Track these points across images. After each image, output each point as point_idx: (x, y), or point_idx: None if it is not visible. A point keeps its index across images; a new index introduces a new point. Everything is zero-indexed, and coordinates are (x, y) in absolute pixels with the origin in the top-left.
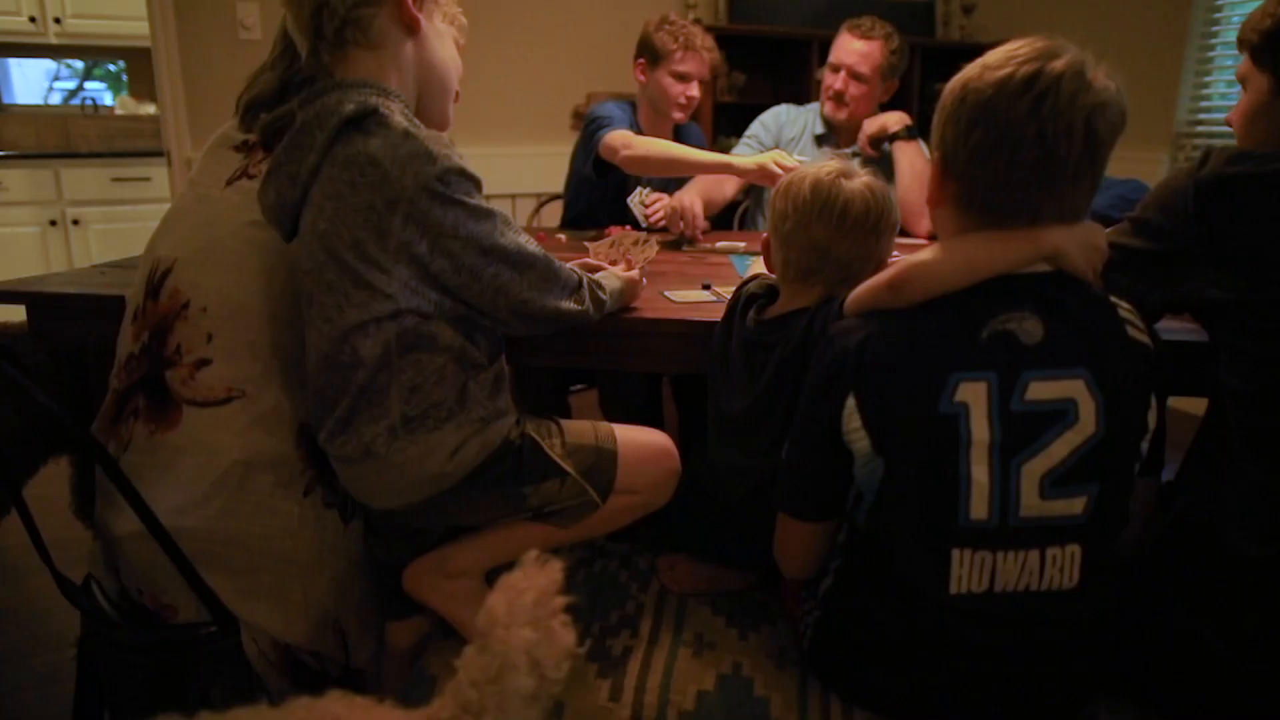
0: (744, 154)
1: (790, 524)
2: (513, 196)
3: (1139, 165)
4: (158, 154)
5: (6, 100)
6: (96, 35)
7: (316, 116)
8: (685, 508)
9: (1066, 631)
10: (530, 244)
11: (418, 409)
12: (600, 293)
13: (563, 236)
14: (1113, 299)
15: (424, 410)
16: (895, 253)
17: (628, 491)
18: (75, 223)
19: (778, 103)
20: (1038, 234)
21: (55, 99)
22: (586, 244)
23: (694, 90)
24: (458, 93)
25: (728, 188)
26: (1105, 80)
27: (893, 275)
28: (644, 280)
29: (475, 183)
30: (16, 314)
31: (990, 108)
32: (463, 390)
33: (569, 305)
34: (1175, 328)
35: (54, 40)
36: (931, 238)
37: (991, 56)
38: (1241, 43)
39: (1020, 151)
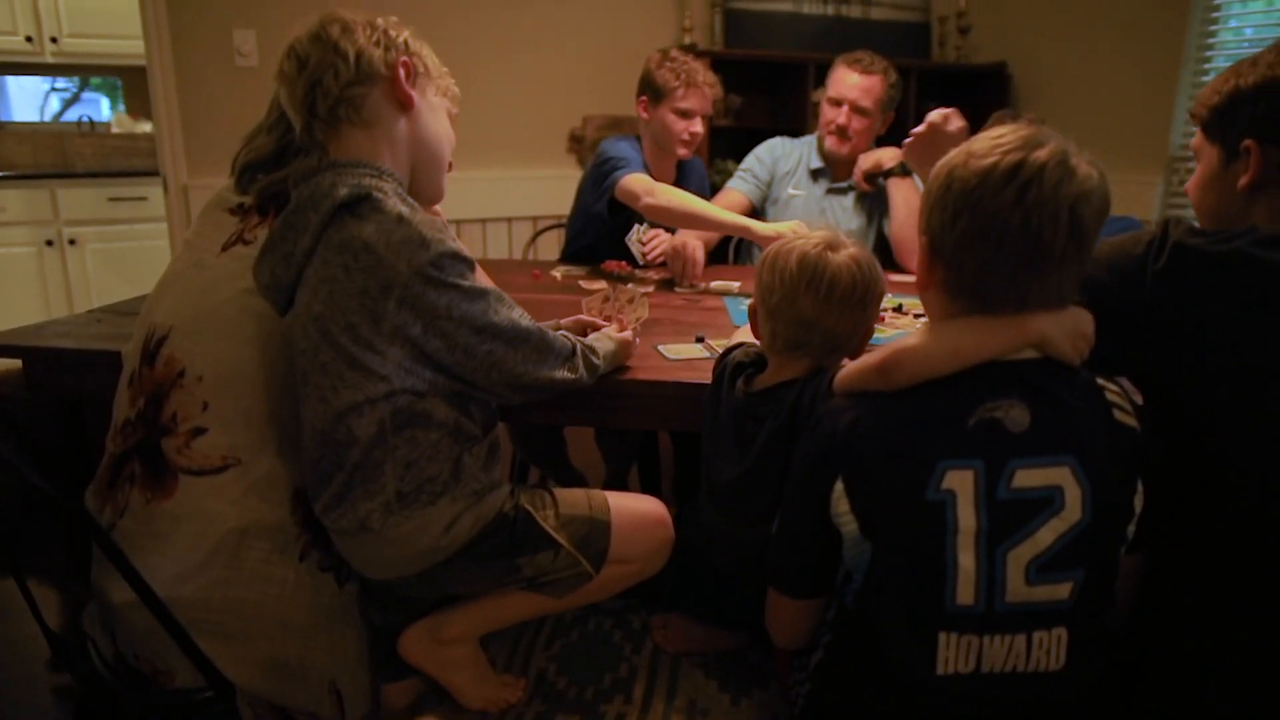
0: (740, 187)
1: (780, 600)
2: (509, 220)
3: (1134, 189)
4: (154, 173)
5: (3, 118)
6: (93, 54)
7: (310, 198)
8: (679, 566)
9: (1054, 712)
10: (524, 319)
11: (412, 484)
12: (594, 358)
13: (558, 274)
14: (1100, 381)
15: (419, 485)
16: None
17: (621, 561)
18: (72, 242)
19: (774, 125)
20: (1025, 322)
21: (54, 104)
22: (583, 293)
23: (697, 126)
24: (451, 163)
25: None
26: (1088, 168)
27: (882, 359)
28: (637, 340)
29: (469, 264)
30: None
31: (976, 197)
32: (457, 463)
33: (563, 375)
34: None
35: (50, 59)
36: None
37: (977, 144)
38: (1193, 116)
39: (1006, 240)
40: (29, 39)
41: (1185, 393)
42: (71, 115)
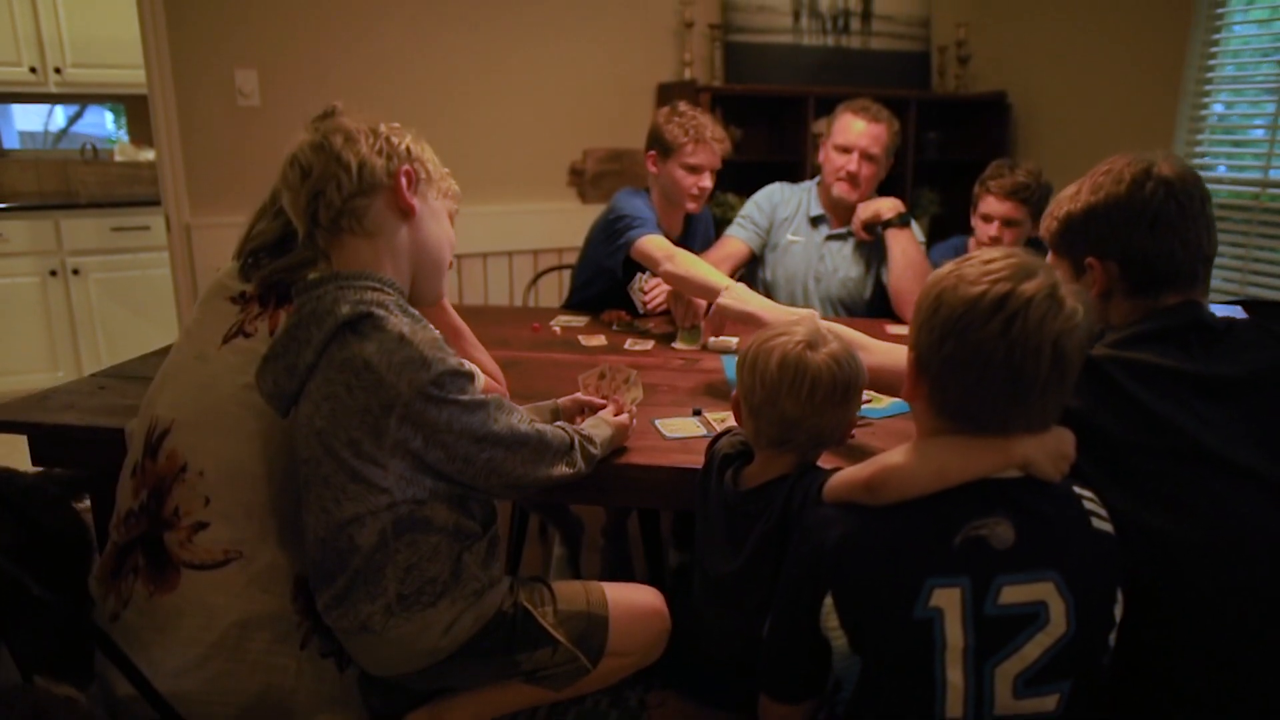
0: (740, 235)
1: (771, 704)
2: (509, 254)
3: None
4: (157, 203)
5: (7, 145)
6: (97, 84)
7: (314, 314)
8: (676, 645)
9: None
10: (522, 423)
11: (413, 586)
12: (591, 448)
13: (557, 328)
14: (1077, 490)
15: (419, 587)
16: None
17: (619, 654)
18: (75, 272)
19: (774, 158)
20: (1009, 445)
21: (59, 118)
22: (582, 350)
23: (706, 181)
24: (451, 261)
25: (723, 270)
26: (1074, 302)
27: (870, 476)
28: (634, 422)
29: (469, 377)
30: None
31: (962, 325)
32: (457, 562)
33: (561, 471)
34: None
35: (54, 89)
36: None
37: (969, 269)
38: (1044, 228)
39: (990, 369)
40: (33, 69)
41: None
42: (75, 139)
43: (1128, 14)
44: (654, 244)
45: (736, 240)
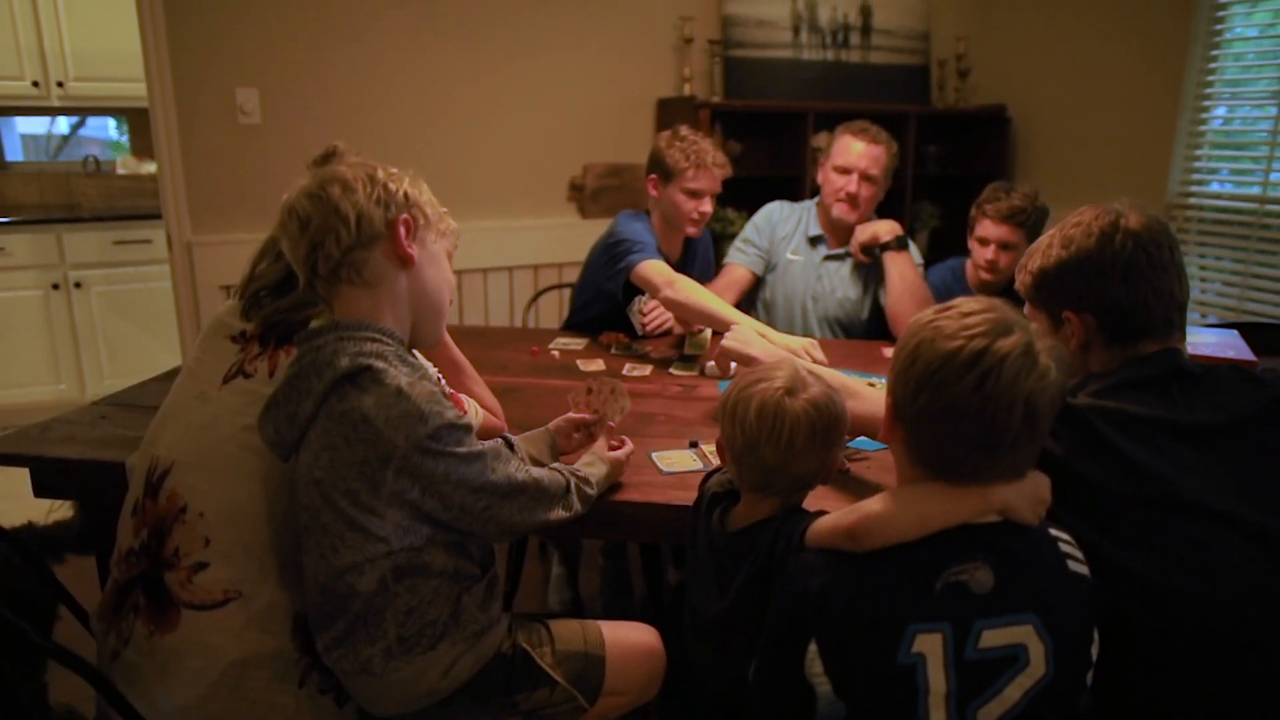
0: (741, 261)
1: None
2: (509, 269)
3: None
4: (159, 215)
5: (10, 158)
6: (99, 97)
7: (314, 365)
8: (673, 674)
9: None
10: (519, 472)
11: (413, 629)
12: (588, 488)
13: (556, 351)
14: (1053, 532)
15: (419, 630)
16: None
17: (616, 693)
18: (78, 285)
19: (774, 172)
20: (987, 491)
21: (61, 133)
22: (579, 375)
23: (706, 206)
24: (452, 299)
25: (728, 298)
26: (1047, 360)
27: (852, 524)
28: (629, 459)
29: (465, 430)
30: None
31: (938, 379)
32: (456, 605)
33: (558, 514)
34: None
35: (57, 103)
36: None
37: (947, 322)
38: (1019, 282)
39: (963, 423)
40: (35, 83)
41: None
42: (77, 151)
43: (1127, 27)
44: (654, 269)
45: (739, 267)
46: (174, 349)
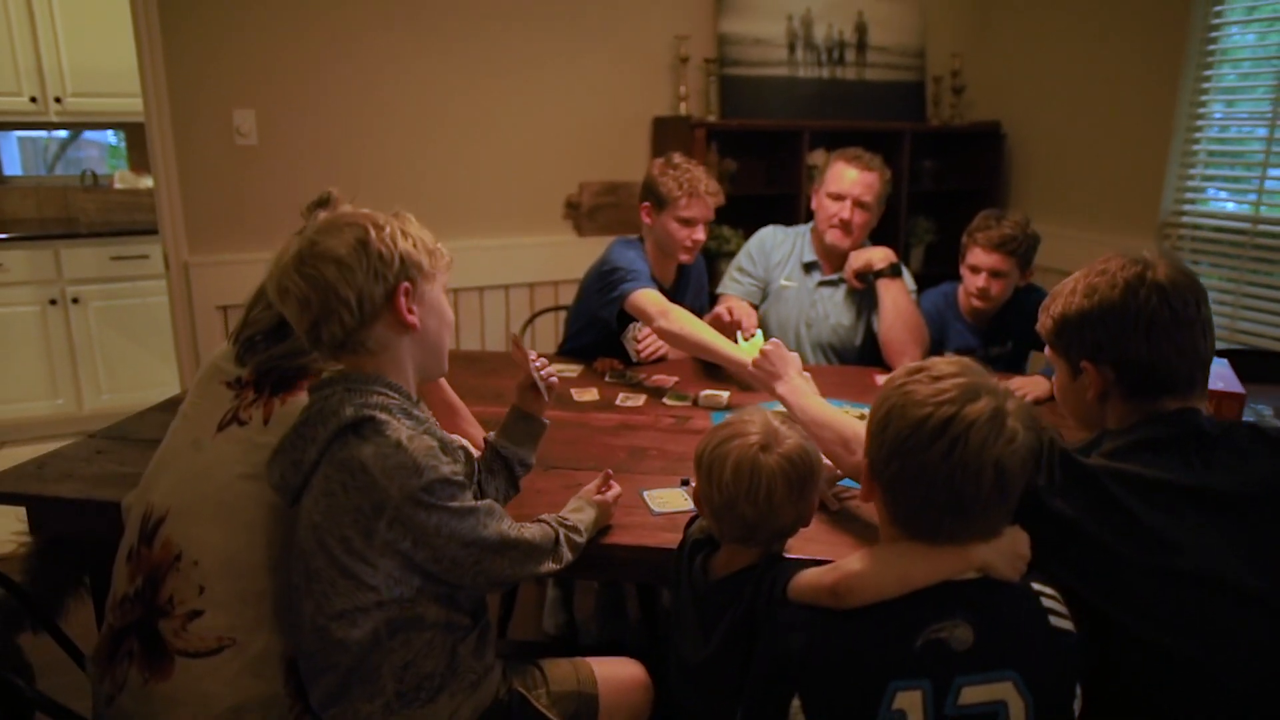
0: (735, 291)
1: None
2: (505, 287)
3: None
4: (156, 230)
5: (8, 172)
6: (97, 112)
7: (320, 414)
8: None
9: None
10: (511, 529)
11: (411, 684)
12: (576, 537)
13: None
14: (1036, 588)
15: (417, 684)
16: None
17: None
18: (75, 301)
19: (770, 191)
20: (965, 552)
21: (58, 147)
22: (575, 406)
23: (699, 234)
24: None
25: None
26: (1015, 423)
27: (834, 582)
28: (618, 501)
29: (460, 486)
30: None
31: (908, 447)
32: (452, 655)
33: (548, 567)
34: None
35: (54, 118)
36: None
37: (919, 386)
38: (1040, 325)
39: (934, 489)
40: (33, 99)
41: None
42: (75, 165)
43: (1122, 45)
44: (648, 299)
45: (732, 298)
46: (171, 365)
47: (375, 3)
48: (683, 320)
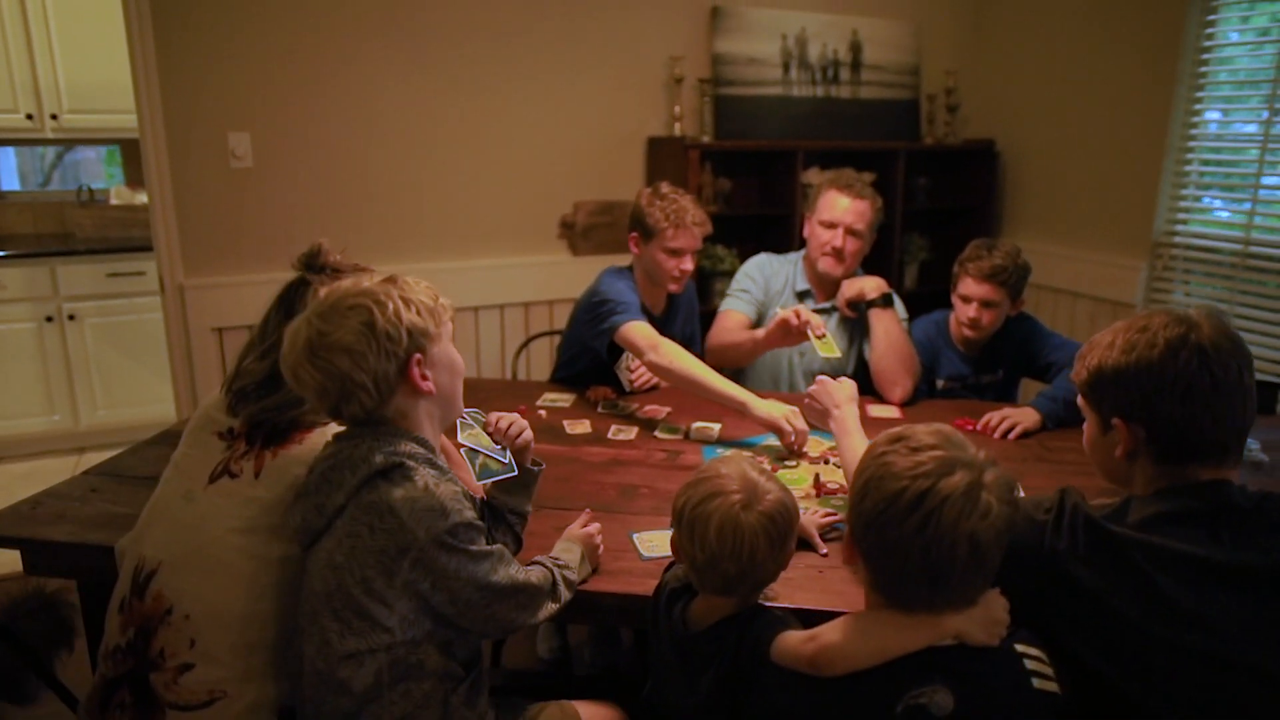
0: (739, 308)
1: None
2: (500, 307)
3: (1118, 272)
4: (152, 247)
5: (5, 187)
6: (93, 128)
7: (349, 460)
8: None
9: None
10: (520, 573)
11: None
12: (569, 573)
13: (543, 411)
14: (1019, 649)
15: None
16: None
17: None
18: (71, 318)
19: (765, 211)
20: (940, 621)
21: (54, 164)
22: (567, 439)
23: (687, 264)
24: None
25: (737, 340)
26: (990, 497)
27: (813, 654)
28: (601, 544)
29: (480, 530)
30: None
31: (883, 520)
32: (445, 706)
33: (549, 609)
34: None
35: (50, 135)
36: (905, 403)
37: (898, 458)
38: (1075, 373)
39: (909, 561)
40: (29, 116)
41: (1087, 644)
42: (70, 181)
43: (1115, 64)
44: (638, 332)
45: (736, 313)
46: (166, 382)
47: (369, 25)
48: (673, 355)
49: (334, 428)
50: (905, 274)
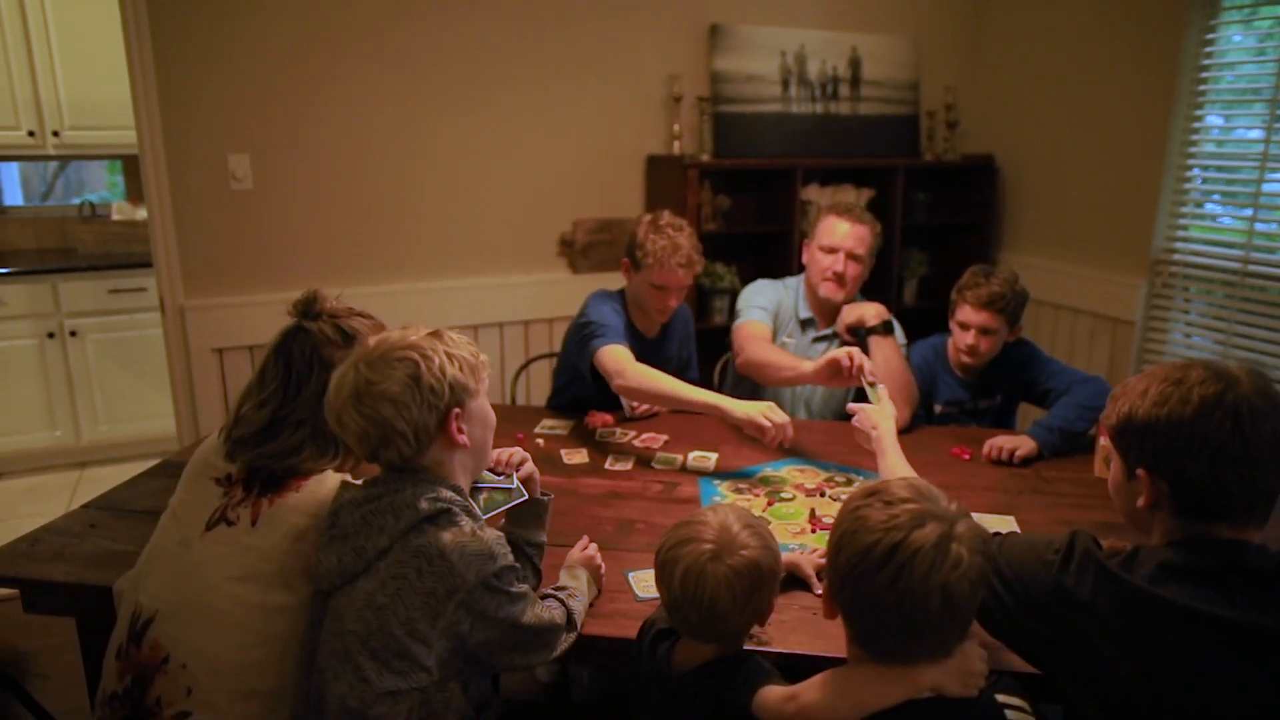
0: (761, 319)
1: None
2: (500, 325)
3: (1118, 290)
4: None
5: (8, 202)
6: (94, 145)
7: (392, 506)
8: None
9: None
10: (544, 612)
11: None
12: (580, 602)
13: (540, 440)
14: (1001, 699)
15: None
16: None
17: None
18: (73, 334)
19: (764, 228)
20: (916, 674)
21: (56, 179)
22: (564, 470)
23: (671, 301)
24: None
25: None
26: (961, 548)
27: (793, 714)
28: (602, 563)
29: (519, 572)
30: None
31: (856, 575)
32: None
33: (565, 642)
34: None
35: (52, 151)
36: (902, 430)
37: (873, 512)
38: (1104, 417)
39: (884, 613)
40: (31, 133)
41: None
42: (72, 197)
43: (1115, 80)
44: (609, 356)
45: (761, 324)
46: (166, 399)
47: (368, 47)
48: (639, 374)
49: (331, 475)
50: (904, 290)
